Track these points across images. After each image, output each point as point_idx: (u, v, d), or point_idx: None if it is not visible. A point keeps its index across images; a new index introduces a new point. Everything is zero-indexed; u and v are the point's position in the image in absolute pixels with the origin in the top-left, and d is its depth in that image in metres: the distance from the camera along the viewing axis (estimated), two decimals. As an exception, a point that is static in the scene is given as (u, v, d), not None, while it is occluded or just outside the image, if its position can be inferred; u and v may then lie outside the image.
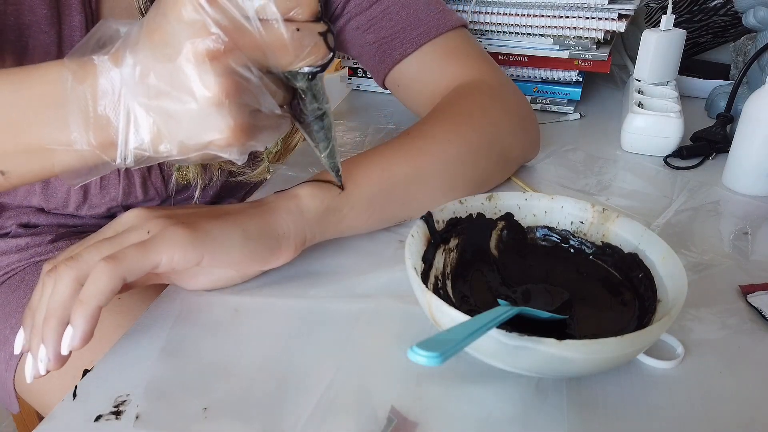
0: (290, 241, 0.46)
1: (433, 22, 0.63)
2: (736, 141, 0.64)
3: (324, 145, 0.42)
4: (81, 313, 0.38)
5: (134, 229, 0.42)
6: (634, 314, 0.43)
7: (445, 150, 0.54)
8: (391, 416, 0.37)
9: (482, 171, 0.58)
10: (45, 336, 0.38)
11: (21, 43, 0.51)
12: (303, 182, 0.49)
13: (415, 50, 0.63)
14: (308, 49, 0.36)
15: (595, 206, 0.48)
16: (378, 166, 0.51)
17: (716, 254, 0.53)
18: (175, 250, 0.40)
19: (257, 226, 0.45)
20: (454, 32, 0.64)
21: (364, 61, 0.68)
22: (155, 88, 0.35)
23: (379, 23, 0.64)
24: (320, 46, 0.36)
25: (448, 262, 0.47)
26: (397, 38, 0.63)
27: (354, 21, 0.64)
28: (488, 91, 0.62)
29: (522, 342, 0.34)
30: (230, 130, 0.35)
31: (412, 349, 0.29)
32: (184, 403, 0.39)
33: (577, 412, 0.38)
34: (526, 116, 0.64)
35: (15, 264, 0.67)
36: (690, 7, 0.99)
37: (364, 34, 0.65)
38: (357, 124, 0.82)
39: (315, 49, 0.36)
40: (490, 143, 0.58)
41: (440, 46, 0.64)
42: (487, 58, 0.66)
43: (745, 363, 0.42)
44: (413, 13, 0.63)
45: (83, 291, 0.38)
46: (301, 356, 0.42)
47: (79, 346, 0.38)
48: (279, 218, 0.46)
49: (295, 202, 0.47)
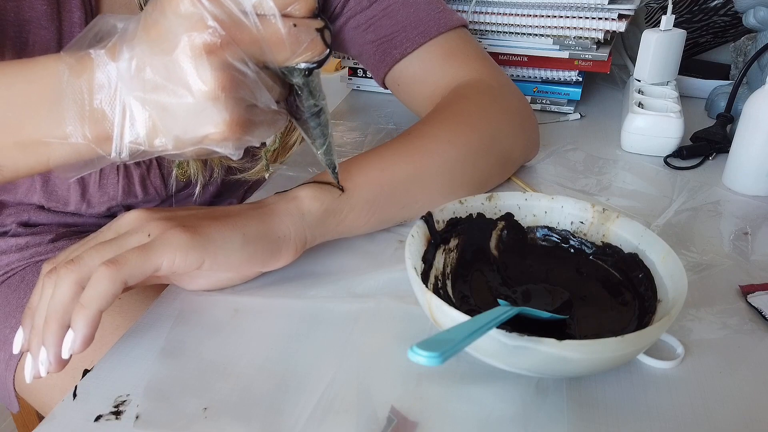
0: (290, 243, 0.46)
1: (433, 22, 0.63)
2: (736, 141, 0.64)
3: (320, 141, 0.42)
4: (82, 318, 0.38)
5: (135, 231, 0.41)
6: (634, 314, 0.43)
7: (446, 151, 0.54)
8: (391, 416, 0.37)
9: (482, 172, 0.58)
10: (45, 339, 0.38)
11: (21, 39, 0.51)
12: (303, 183, 0.49)
13: (415, 49, 0.63)
14: (305, 45, 0.36)
15: (595, 206, 0.48)
16: (379, 168, 0.51)
17: (716, 254, 0.53)
18: (175, 253, 0.40)
19: (257, 229, 0.45)
20: (454, 32, 0.64)
21: (363, 60, 0.68)
22: (151, 82, 0.35)
23: (379, 22, 0.64)
24: (317, 42, 0.36)
25: (448, 262, 0.47)
26: (396, 37, 0.63)
27: (354, 20, 0.64)
28: (488, 92, 0.62)
29: (522, 342, 0.34)
30: (226, 124, 0.35)
31: (412, 349, 0.29)
32: (184, 403, 0.39)
33: (577, 412, 0.38)
34: (526, 117, 0.64)
35: (15, 264, 0.67)
36: (690, 7, 0.99)
37: (364, 33, 0.65)
38: (357, 124, 0.82)
39: (311, 45, 0.36)
40: (490, 144, 0.58)
41: (440, 46, 0.64)
42: (487, 58, 0.66)
43: (745, 363, 0.42)
44: (413, 13, 0.63)
45: (84, 295, 0.38)
46: (301, 356, 0.42)
47: (80, 350, 0.38)
48: (279, 221, 0.46)
49: (296, 204, 0.47)
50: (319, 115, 0.41)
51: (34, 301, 0.41)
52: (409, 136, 0.55)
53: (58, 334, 0.38)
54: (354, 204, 0.50)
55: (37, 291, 0.41)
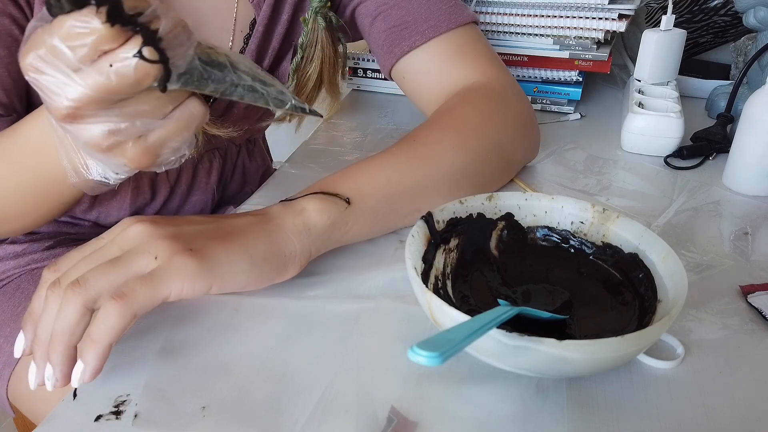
0: (296, 260, 0.46)
1: (444, 16, 0.63)
2: (736, 141, 0.64)
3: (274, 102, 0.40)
4: (93, 352, 0.37)
5: (140, 251, 0.40)
6: (634, 314, 0.43)
7: (451, 160, 0.54)
8: (391, 416, 0.37)
9: (485, 178, 0.58)
10: (52, 360, 0.38)
11: None
12: (309, 194, 0.48)
13: (423, 43, 0.63)
14: (134, 76, 0.32)
15: (596, 206, 0.48)
16: (384, 178, 0.51)
17: (716, 254, 0.53)
18: (183, 283, 0.40)
19: (264, 249, 0.44)
20: (464, 28, 0.64)
21: (373, 50, 0.68)
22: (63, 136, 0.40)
23: (389, 10, 0.64)
24: (142, 68, 0.32)
25: (448, 262, 0.47)
26: (406, 29, 0.63)
27: (363, 6, 0.64)
28: (493, 97, 0.61)
29: (522, 342, 0.34)
30: (130, 163, 0.37)
31: (412, 349, 0.29)
32: (183, 402, 0.39)
33: (577, 412, 0.38)
34: (529, 122, 0.64)
35: (11, 271, 0.66)
36: (690, 7, 0.99)
37: (373, 20, 0.65)
38: (357, 124, 0.82)
39: (141, 72, 0.32)
40: (494, 152, 0.59)
41: (449, 42, 0.63)
42: (494, 57, 0.66)
43: (745, 363, 0.42)
44: (425, 4, 0.63)
45: (94, 329, 0.37)
46: (301, 356, 0.42)
47: (89, 381, 0.38)
48: (286, 238, 0.46)
49: (302, 220, 0.47)
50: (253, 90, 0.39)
51: (35, 309, 0.40)
52: (414, 143, 0.55)
53: (64, 354, 0.38)
54: (359, 216, 0.49)
55: (38, 299, 0.40)
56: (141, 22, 0.32)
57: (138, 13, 0.32)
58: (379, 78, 0.91)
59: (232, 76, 0.38)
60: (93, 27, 0.31)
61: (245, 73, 0.38)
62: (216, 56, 0.37)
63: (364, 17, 0.66)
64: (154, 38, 0.32)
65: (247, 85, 0.39)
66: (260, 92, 0.39)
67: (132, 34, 0.32)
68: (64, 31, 0.31)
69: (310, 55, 0.66)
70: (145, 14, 0.32)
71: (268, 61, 0.66)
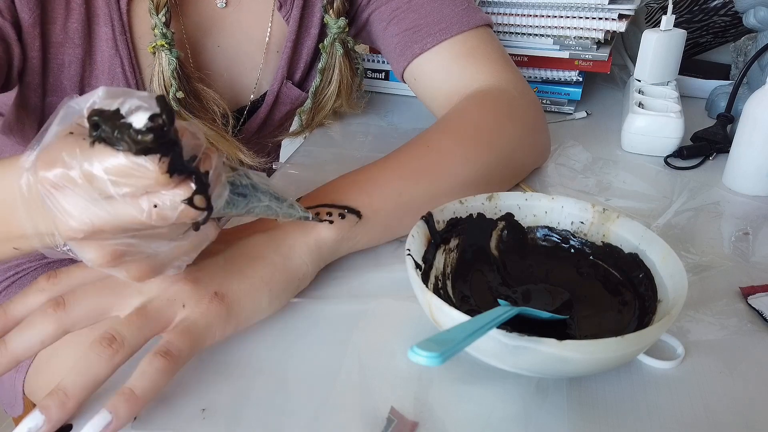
0: (308, 279, 0.47)
1: (456, 19, 0.63)
2: (736, 141, 0.64)
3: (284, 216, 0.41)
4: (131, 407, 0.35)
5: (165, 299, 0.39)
6: (634, 314, 0.43)
7: (464, 175, 0.54)
8: (391, 416, 0.37)
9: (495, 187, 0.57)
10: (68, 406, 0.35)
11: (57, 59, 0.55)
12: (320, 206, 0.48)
13: (435, 45, 0.63)
14: (174, 219, 0.31)
15: (596, 206, 0.48)
16: (396, 192, 0.51)
17: (716, 255, 0.53)
18: (216, 332, 0.40)
19: (282, 280, 0.44)
20: (476, 31, 0.64)
21: (386, 53, 0.69)
22: None
23: (403, 15, 0.64)
24: (187, 212, 0.31)
25: (448, 262, 0.47)
26: (419, 31, 0.63)
27: (379, 11, 0.65)
28: (506, 103, 0.61)
29: (522, 342, 0.34)
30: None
31: (412, 349, 0.29)
32: (182, 403, 0.39)
33: (577, 411, 0.38)
34: (540, 128, 0.64)
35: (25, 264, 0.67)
36: (690, 7, 0.99)
37: (387, 25, 0.65)
38: (357, 124, 0.82)
39: (184, 216, 0.31)
40: (506, 164, 0.58)
41: (461, 45, 0.63)
42: (507, 61, 0.66)
43: (745, 364, 0.42)
44: (438, 8, 0.63)
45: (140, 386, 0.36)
46: (301, 357, 0.42)
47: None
48: (300, 262, 0.46)
49: (314, 237, 0.46)
50: (257, 208, 0.39)
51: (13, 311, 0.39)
52: (428, 150, 0.54)
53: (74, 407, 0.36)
54: (369, 229, 0.49)
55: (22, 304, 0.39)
56: (196, 168, 0.30)
57: (193, 157, 0.30)
58: (380, 78, 0.91)
59: (253, 201, 0.38)
60: (147, 170, 0.28)
61: (263, 193, 0.39)
62: (239, 179, 0.37)
63: (378, 22, 0.66)
64: (206, 188, 0.31)
65: (264, 205, 0.39)
66: (274, 210, 0.40)
67: (184, 178, 0.30)
68: (112, 166, 0.28)
69: (329, 78, 0.70)
70: (198, 156, 0.30)
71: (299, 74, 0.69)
